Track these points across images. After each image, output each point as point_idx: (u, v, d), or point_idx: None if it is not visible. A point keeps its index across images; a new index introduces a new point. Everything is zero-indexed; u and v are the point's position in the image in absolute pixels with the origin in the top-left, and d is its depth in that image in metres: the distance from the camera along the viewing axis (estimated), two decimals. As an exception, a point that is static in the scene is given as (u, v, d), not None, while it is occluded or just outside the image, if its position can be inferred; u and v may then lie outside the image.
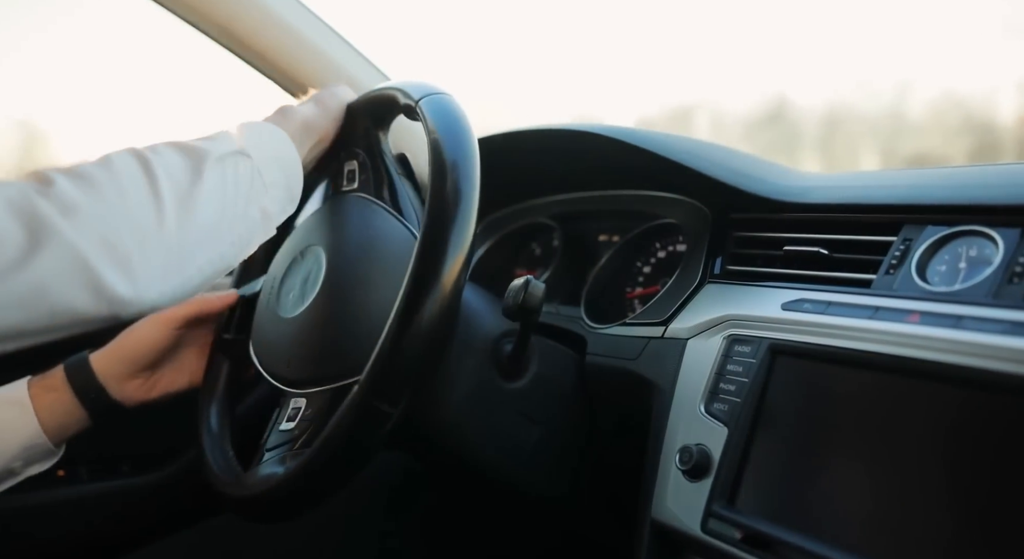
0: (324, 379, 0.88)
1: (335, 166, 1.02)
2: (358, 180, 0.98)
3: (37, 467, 0.96)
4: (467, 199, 0.78)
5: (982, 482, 0.64)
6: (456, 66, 4.13)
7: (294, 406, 0.90)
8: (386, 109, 0.97)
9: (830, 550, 0.70)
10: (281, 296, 0.94)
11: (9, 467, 0.93)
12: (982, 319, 0.68)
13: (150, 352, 0.99)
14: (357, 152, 0.99)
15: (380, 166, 0.98)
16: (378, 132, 0.99)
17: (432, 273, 0.75)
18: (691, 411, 0.87)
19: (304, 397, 0.90)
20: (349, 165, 1.00)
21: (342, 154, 1.01)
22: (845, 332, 0.77)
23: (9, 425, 0.93)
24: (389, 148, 0.99)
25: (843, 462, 0.73)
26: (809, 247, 0.89)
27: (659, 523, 0.86)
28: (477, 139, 0.83)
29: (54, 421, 0.95)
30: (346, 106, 1.00)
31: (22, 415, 0.93)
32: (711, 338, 0.89)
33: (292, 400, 0.91)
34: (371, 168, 0.98)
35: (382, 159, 0.98)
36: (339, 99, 1.01)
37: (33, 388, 0.96)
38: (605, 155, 1.15)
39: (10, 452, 0.92)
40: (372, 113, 0.99)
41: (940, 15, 4.42)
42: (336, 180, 1.01)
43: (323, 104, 0.99)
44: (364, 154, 0.99)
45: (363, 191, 0.97)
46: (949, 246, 0.78)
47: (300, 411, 0.90)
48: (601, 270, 1.19)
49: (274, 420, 0.93)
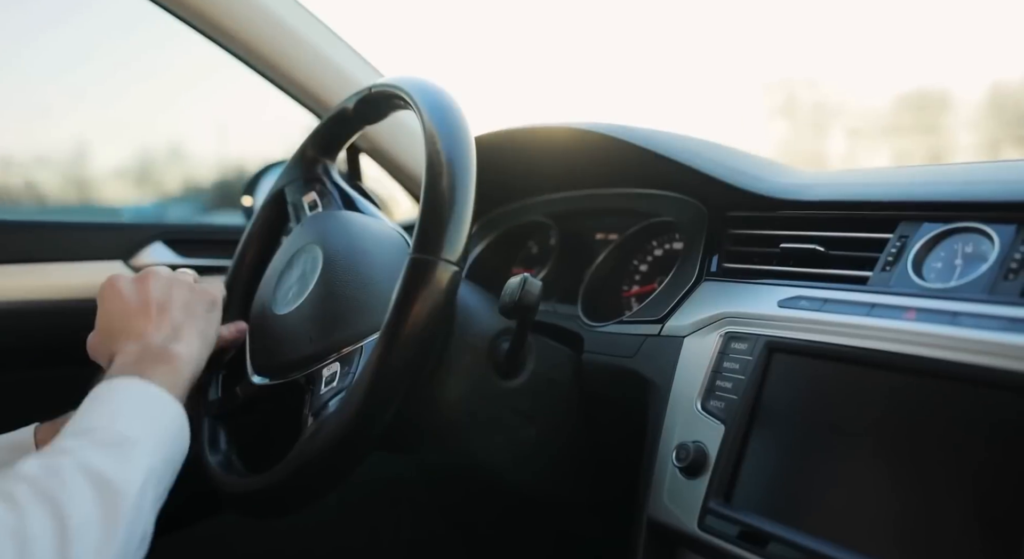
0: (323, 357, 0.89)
1: (293, 201, 1.08)
2: (320, 205, 1.04)
3: None
4: (463, 194, 0.78)
5: (978, 478, 0.64)
6: (452, 64, 4.13)
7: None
8: (335, 130, 1.06)
9: (827, 546, 0.70)
10: (278, 295, 0.94)
11: None
12: (978, 315, 0.69)
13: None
14: (312, 185, 1.06)
15: (336, 189, 1.05)
16: (325, 161, 1.08)
17: (428, 269, 0.75)
18: (688, 408, 0.87)
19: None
20: (308, 198, 1.05)
21: (298, 193, 1.07)
22: (841, 329, 0.77)
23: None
24: (338, 175, 1.08)
25: (840, 459, 0.73)
26: (805, 244, 0.89)
27: (656, 520, 0.86)
28: (474, 138, 0.83)
29: None
30: (223, 299, 0.98)
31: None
32: (708, 336, 0.89)
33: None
34: (330, 193, 1.04)
35: (335, 184, 1.06)
36: (213, 313, 0.94)
37: (40, 434, 0.93)
38: (602, 153, 1.15)
39: None
40: (318, 143, 1.07)
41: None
42: (298, 213, 1.06)
43: (201, 332, 0.90)
44: (319, 184, 1.05)
45: (328, 210, 1.02)
46: (945, 243, 0.78)
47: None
48: (598, 268, 1.19)
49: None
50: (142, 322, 0.86)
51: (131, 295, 0.88)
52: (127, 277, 0.91)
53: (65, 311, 1.32)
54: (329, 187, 1.05)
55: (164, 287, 0.90)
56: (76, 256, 1.35)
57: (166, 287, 0.90)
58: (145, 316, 0.86)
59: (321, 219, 0.99)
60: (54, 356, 1.32)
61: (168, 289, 0.89)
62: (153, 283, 0.90)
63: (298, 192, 1.07)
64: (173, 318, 0.87)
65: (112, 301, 0.89)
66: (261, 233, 1.11)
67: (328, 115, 1.06)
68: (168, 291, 0.89)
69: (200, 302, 0.92)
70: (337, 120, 1.04)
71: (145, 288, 0.89)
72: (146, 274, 0.91)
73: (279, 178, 1.10)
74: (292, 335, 0.92)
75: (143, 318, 0.86)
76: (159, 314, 0.87)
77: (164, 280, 0.91)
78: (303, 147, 1.08)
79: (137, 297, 0.88)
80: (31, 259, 1.31)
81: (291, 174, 1.09)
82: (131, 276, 0.91)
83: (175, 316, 0.88)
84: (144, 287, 0.89)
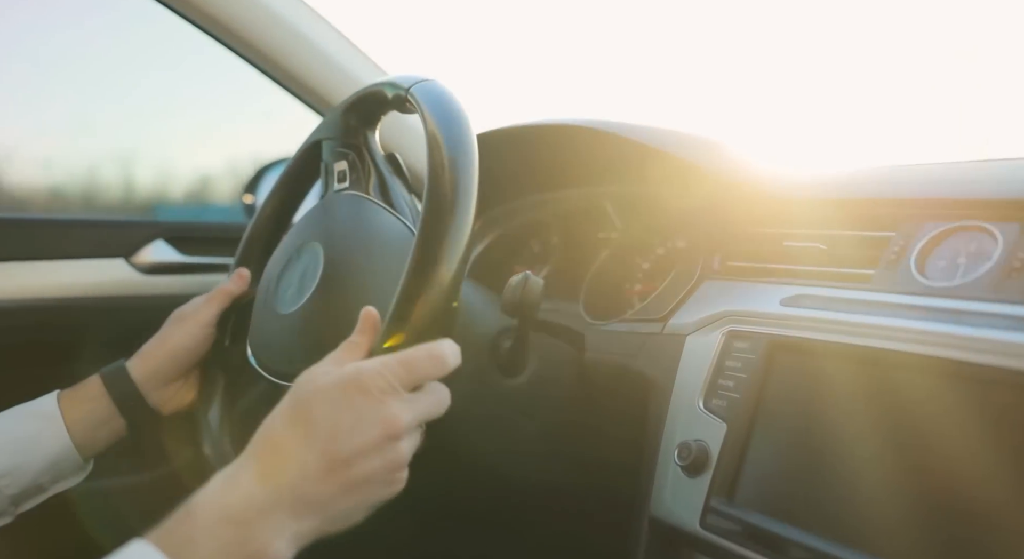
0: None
1: (325, 167, 1.02)
2: (348, 179, 0.98)
3: (65, 483, 0.96)
4: (465, 192, 0.77)
5: (981, 477, 0.64)
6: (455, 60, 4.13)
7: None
8: (374, 106, 0.98)
9: (829, 545, 0.70)
10: (279, 293, 0.94)
11: (37, 482, 0.93)
12: (982, 314, 0.68)
13: (189, 356, 1.00)
14: (346, 152, 0.99)
15: (370, 165, 0.98)
16: (366, 131, 0.99)
17: (430, 268, 0.74)
18: (690, 407, 0.87)
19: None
20: (339, 166, 0.99)
21: (332, 155, 1.01)
22: (844, 328, 0.77)
23: (38, 438, 0.93)
24: (378, 147, 0.99)
25: (842, 457, 0.73)
26: (808, 243, 0.89)
27: (658, 519, 0.86)
28: (476, 135, 0.83)
29: (86, 433, 0.95)
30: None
31: (51, 428, 0.93)
32: (710, 334, 0.89)
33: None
34: (360, 168, 0.98)
35: (372, 158, 0.98)
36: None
37: (64, 401, 0.95)
38: (603, 150, 1.15)
39: (38, 466, 0.92)
40: (359, 112, 0.99)
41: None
42: (327, 180, 1.01)
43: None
44: (353, 154, 0.99)
45: (355, 189, 0.97)
46: (948, 241, 0.78)
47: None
48: (600, 267, 1.19)
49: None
50: (320, 487, 0.63)
51: (348, 431, 0.64)
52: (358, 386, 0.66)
53: (66, 309, 1.32)
54: (366, 160, 0.98)
55: (380, 444, 0.65)
56: (77, 254, 1.35)
57: (381, 445, 0.65)
58: (330, 481, 0.63)
59: (324, 213, 0.98)
60: (55, 354, 1.32)
61: (379, 452, 0.65)
62: (383, 429, 0.65)
63: (332, 153, 1.01)
64: (340, 507, 0.65)
65: (326, 407, 0.65)
66: (288, 182, 1.09)
67: (365, 90, 0.98)
68: (376, 456, 0.65)
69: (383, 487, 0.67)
70: (376, 99, 0.96)
71: (368, 434, 0.65)
72: (384, 399, 0.66)
73: (316, 130, 1.04)
74: (274, 344, 0.92)
75: (327, 482, 0.63)
76: (344, 493, 0.64)
77: (395, 427, 0.66)
78: (344, 109, 1.00)
79: (349, 443, 0.64)
80: (32, 256, 1.31)
81: (330, 130, 1.02)
82: (363, 387, 0.66)
83: (342, 506, 0.65)
84: (369, 431, 0.65)
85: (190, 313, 1.01)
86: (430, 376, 0.70)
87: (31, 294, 1.29)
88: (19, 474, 0.91)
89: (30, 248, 1.31)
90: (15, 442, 0.92)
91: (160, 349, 0.99)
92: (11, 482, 0.91)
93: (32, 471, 0.92)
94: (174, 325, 1.01)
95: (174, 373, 0.99)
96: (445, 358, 0.71)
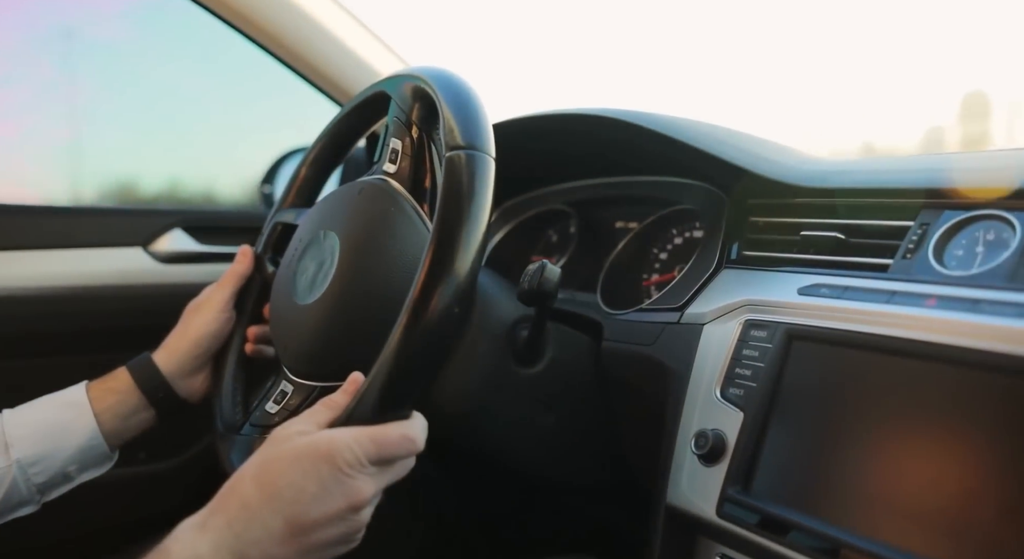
0: (315, 376, 0.89)
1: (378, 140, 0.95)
2: (398, 164, 0.91)
3: (92, 472, 0.98)
4: (481, 189, 0.77)
5: (1000, 464, 0.64)
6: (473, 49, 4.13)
7: (283, 389, 0.91)
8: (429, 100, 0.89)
9: (846, 534, 0.70)
10: (297, 276, 0.92)
11: (64, 471, 0.94)
12: (1000, 303, 0.68)
13: (212, 342, 1.02)
14: (408, 133, 0.91)
15: (425, 158, 0.92)
16: (432, 128, 0.92)
17: (446, 270, 0.73)
18: (707, 396, 0.87)
19: (293, 385, 0.90)
20: (394, 143, 0.91)
21: (396, 122, 0.92)
22: (862, 317, 0.77)
23: (67, 427, 0.94)
24: (442, 146, 0.84)
25: (859, 446, 0.73)
26: (826, 232, 0.89)
27: (674, 508, 0.86)
28: (492, 125, 0.82)
29: (114, 423, 0.97)
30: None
31: (80, 417, 0.95)
32: (727, 323, 0.89)
33: (283, 382, 0.92)
34: (413, 156, 0.91)
35: (430, 151, 0.92)
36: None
37: (93, 391, 0.97)
38: (621, 140, 1.14)
39: (66, 454, 0.93)
40: (425, 109, 0.92)
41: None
42: (383, 147, 0.93)
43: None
44: (414, 140, 0.91)
45: (396, 178, 0.91)
46: (966, 230, 0.78)
47: (286, 397, 0.90)
48: (617, 256, 1.19)
49: (265, 391, 0.94)
50: (281, 548, 0.66)
51: (324, 505, 0.67)
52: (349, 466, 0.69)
53: (84, 297, 1.33)
54: (424, 152, 0.91)
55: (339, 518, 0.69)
56: (95, 243, 1.36)
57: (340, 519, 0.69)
58: (291, 544, 0.67)
59: (345, 203, 0.94)
60: (74, 342, 1.33)
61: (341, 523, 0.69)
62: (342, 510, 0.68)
63: (393, 122, 0.92)
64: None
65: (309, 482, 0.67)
66: (341, 129, 1.06)
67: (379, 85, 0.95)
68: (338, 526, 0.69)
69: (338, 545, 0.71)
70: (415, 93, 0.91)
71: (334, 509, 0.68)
72: (358, 492, 0.69)
73: (386, 81, 0.96)
74: (285, 331, 0.92)
75: (288, 544, 0.66)
76: (302, 554, 0.67)
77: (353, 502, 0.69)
78: (413, 99, 0.92)
79: (320, 510, 0.67)
80: (50, 245, 1.32)
81: (398, 91, 0.93)
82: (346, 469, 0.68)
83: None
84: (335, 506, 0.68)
85: (204, 301, 1.03)
86: (398, 456, 0.72)
87: (50, 282, 1.30)
88: (48, 462, 0.92)
89: (49, 237, 1.32)
90: (45, 430, 0.93)
91: (183, 340, 1.01)
92: (41, 470, 0.92)
93: (61, 459, 0.93)
94: (192, 315, 1.02)
95: (200, 361, 1.01)
96: (416, 440, 0.73)
